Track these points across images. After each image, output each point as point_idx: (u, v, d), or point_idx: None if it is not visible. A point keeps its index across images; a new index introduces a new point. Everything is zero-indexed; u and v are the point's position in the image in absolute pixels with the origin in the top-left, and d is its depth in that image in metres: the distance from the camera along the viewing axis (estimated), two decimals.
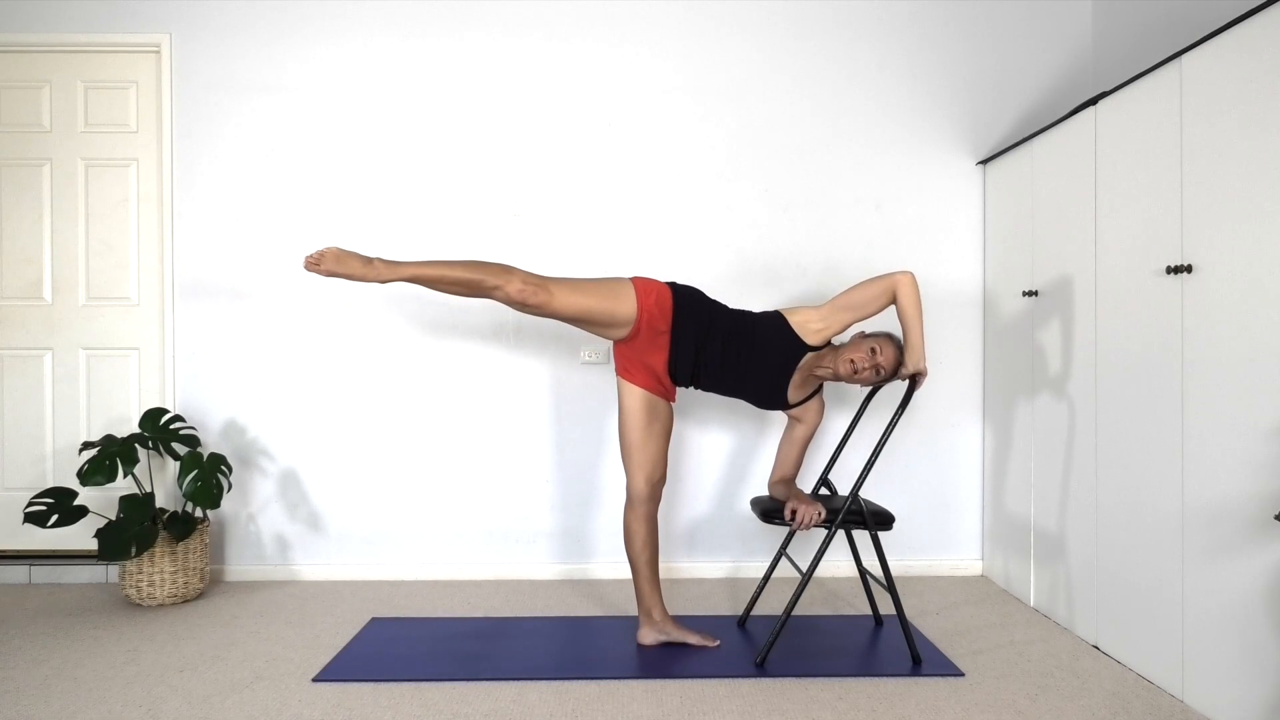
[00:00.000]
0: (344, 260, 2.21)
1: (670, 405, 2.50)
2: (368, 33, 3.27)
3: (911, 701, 2.14)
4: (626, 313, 2.33)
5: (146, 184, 3.32)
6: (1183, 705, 2.12)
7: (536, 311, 2.31)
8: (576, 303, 2.31)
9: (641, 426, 2.42)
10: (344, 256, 2.21)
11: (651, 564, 2.48)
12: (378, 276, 2.23)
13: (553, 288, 2.29)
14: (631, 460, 2.45)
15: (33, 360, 3.32)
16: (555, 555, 3.29)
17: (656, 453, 2.45)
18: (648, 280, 2.42)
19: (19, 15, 3.25)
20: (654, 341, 2.37)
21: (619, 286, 2.36)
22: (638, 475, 2.44)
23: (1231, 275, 1.96)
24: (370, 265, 2.23)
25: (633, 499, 2.46)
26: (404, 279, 2.25)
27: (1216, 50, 2.01)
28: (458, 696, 2.16)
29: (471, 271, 2.26)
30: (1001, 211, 3.17)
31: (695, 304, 2.41)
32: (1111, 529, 2.43)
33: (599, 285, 2.36)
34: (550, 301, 2.28)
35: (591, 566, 3.29)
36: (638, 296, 2.34)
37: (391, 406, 3.27)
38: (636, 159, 3.29)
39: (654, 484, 2.46)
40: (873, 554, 3.01)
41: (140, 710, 2.09)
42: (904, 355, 2.36)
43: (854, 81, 3.32)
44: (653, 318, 2.35)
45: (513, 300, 2.27)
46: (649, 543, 2.47)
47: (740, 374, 2.41)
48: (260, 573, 3.26)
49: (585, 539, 3.30)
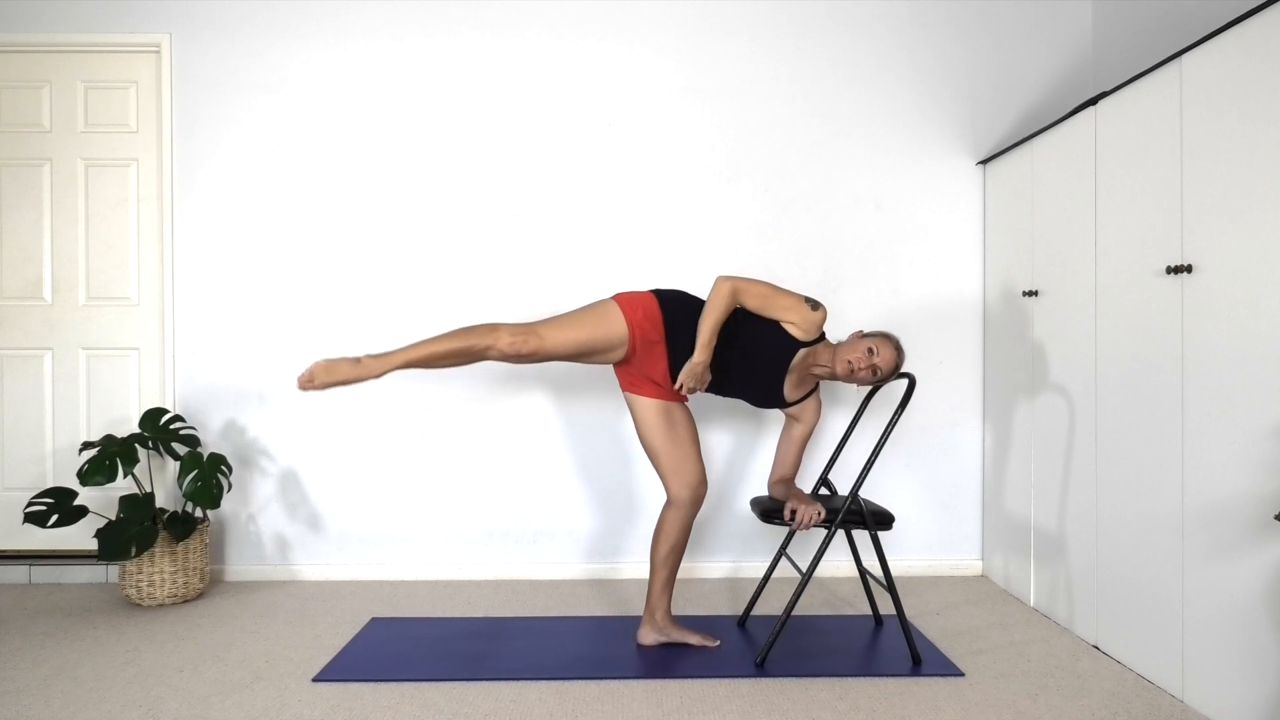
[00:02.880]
0: (332, 369, 2.21)
1: (686, 407, 2.49)
2: (368, 32, 3.27)
3: (911, 701, 2.14)
4: (619, 333, 2.32)
5: (146, 184, 3.32)
6: (1183, 705, 2.12)
7: (532, 359, 2.30)
8: (568, 338, 2.30)
9: (663, 433, 2.41)
10: (331, 366, 2.22)
11: (672, 568, 2.47)
12: (369, 373, 2.23)
13: (540, 330, 2.29)
14: (663, 469, 2.44)
15: (33, 360, 3.32)
16: (555, 555, 3.29)
17: (686, 456, 2.42)
18: (630, 295, 2.40)
19: (19, 15, 3.25)
20: (651, 353, 2.36)
21: (604, 309, 2.35)
22: (673, 482, 2.42)
23: (1231, 275, 1.96)
24: (359, 365, 2.23)
25: (673, 503, 2.44)
26: (396, 368, 2.25)
27: (1216, 50, 2.01)
28: (458, 696, 2.16)
29: (457, 340, 2.26)
30: (1001, 211, 3.17)
31: (683, 306, 2.40)
32: (1111, 529, 2.43)
33: (585, 314, 2.34)
34: (542, 345, 2.28)
35: (592, 566, 3.29)
36: (625, 314, 2.33)
37: (391, 406, 3.26)
38: (636, 159, 3.29)
39: (693, 488, 2.42)
40: (873, 554, 3.01)
41: (140, 710, 2.09)
42: (902, 354, 2.36)
43: (854, 81, 3.32)
44: (645, 330, 2.34)
45: (506, 355, 2.26)
46: (677, 548, 2.45)
47: (738, 369, 2.40)
48: (260, 573, 3.26)
49: (585, 539, 3.30)
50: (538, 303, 3.26)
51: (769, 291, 2.36)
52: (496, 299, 3.26)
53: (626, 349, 2.35)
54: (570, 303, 3.25)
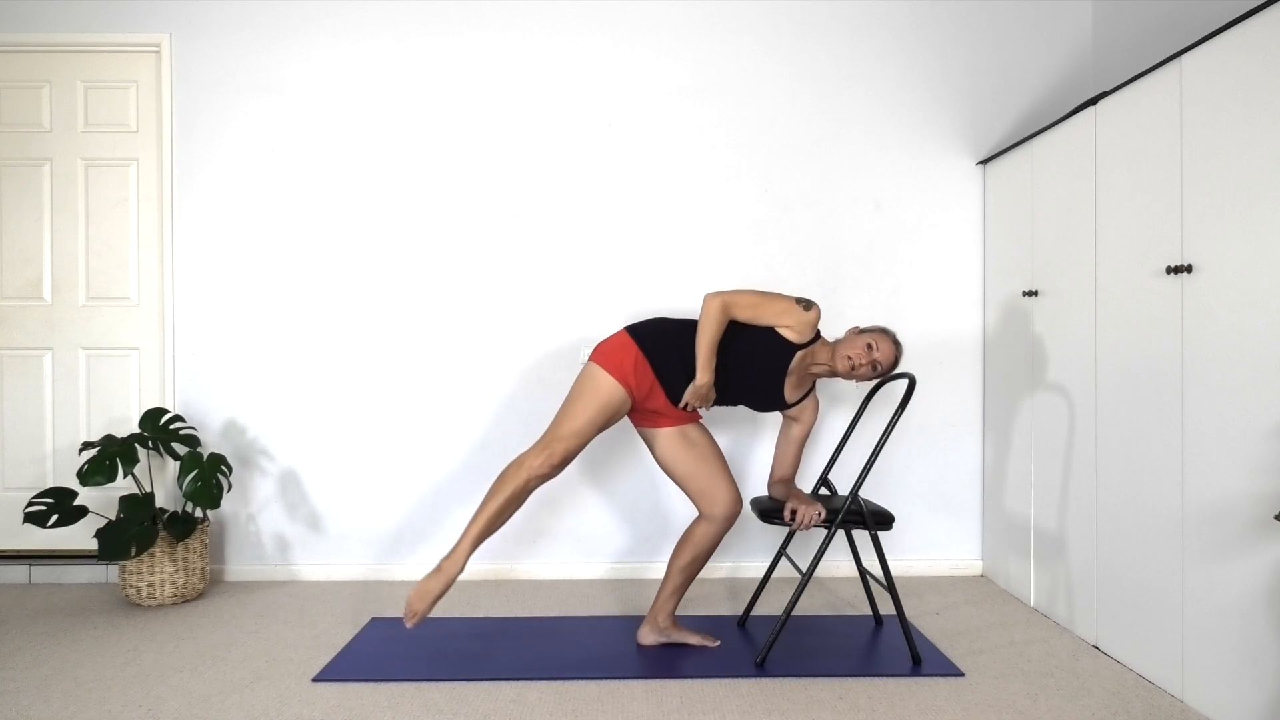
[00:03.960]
0: (424, 593, 2.21)
1: (700, 425, 2.49)
2: (368, 32, 3.27)
3: (911, 701, 2.14)
4: (618, 394, 2.32)
5: (146, 184, 3.32)
6: (1183, 705, 2.12)
7: (566, 461, 2.29)
8: (579, 425, 2.29)
9: (685, 457, 2.42)
10: (421, 591, 2.22)
11: (689, 577, 2.48)
12: (452, 574, 2.22)
13: (555, 435, 2.28)
14: (692, 492, 2.43)
15: (33, 360, 3.33)
16: (556, 555, 3.29)
17: (712, 475, 2.41)
18: (606, 348, 2.38)
19: (19, 15, 3.25)
20: (651, 392, 2.37)
21: (593, 380, 2.33)
22: (704, 504, 2.42)
23: (1231, 275, 1.96)
24: (440, 573, 2.22)
25: (706, 518, 2.43)
26: (469, 554, 2.24)
27: (1216, 50, 2.01)
28: (458, 696, 2.16)
29: (500, 495, 2.25)
30: (1001, 211, 3.17)
31: (663, 335, 2.39)
32: (1111, 529, 2.43)
33: (580, 395, 2.33)
34: (566, 446, 2.28)
35: (592, 567, 3.29)
36: (612, 373, 2.32)
37: (391, 406, 3.26)
38: (637, 159, 3.29)
39: (727, 505, 2.40)
40: (873, 554, 3.01)
41: (140, 710, 2.09)
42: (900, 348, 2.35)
43: (854, 81, 3.32)
44: (637, 376, 2.33)
45: (545, 475, 2.27)
46: (699, 559, 2.45)
47: (735, 381, 2.39)
48: (260, 573, 3.26)
49: (586, 539, 3.30)
50: (537, 302, 3.26)
51: (758, 300, 2.35)
52: (496, 299, 3.27)
53: (631, 401, 2.36)
54: (570, 302, 3.27)
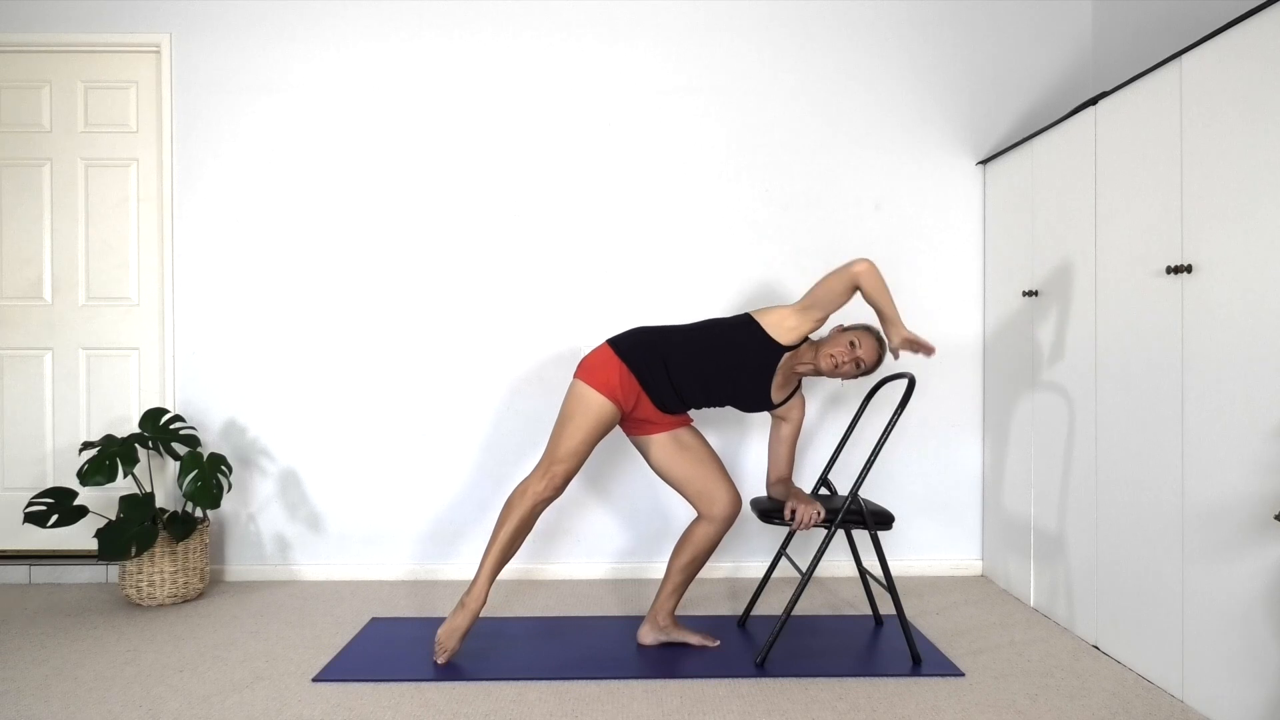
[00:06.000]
0: (452, 630, 2.34)
1: (692, 427, 2.51)
2: (368, 33, 3.27)
3: (911, 701, 2.14)
4: (608, 409, 2.33)
5: (146, 184, 3.32)
6: (1183, 705, 2.12)
7: (568, 480, 2.35)
8: (575, 444, 2.33)
9: (679, 461, 2.44)
10: (449, 629, 2.34)
11: (688, 577, 2.49)
12: (475, 608, 2.33)
13: (553, 458, 2.33)
14: (690, 495, 2.45)
15: (33, 360, 3.33)
16: (555, 555, 3.29)
17: (709, 477, 2.43)
18: (589, 366, 2.38)
19: (19, 15, 3.25)
20: (639, 401, 2.39)
21: (581, 399, 2.34)
22: (703, 505, 2.43)
23: (1231, 275, 1.96)
24: (464, 609, 2.34)
25: (705, 519, 2.44)
26: (488, 586, 2.34)
27: (1216, 50, 2.01)
28: (458, 696, 2.16)
29: (508, 524, 2.31)
30: (1001, 211, 3.17)
31: (642, 345, 2.40)
32: (1111, 529, 2.43)
33: (570, 415, 2.35)
34: (565, 466, 2.32)
35: (592, 567, 3.29)
36: (598, 389, 2.33)
37: (392, 406, 3.27)
38: (636, 159, 3.29)
39: (725, 506, 2.41)
40: (873, 554, 3.01)
41: (140, 710, 2.09)
42: (884, 345, 2.34)
43: (854, 81, 3.32)
44: (624, 389, 2.35)
45: (549, 498, 2.33)
46: (698, 560, 2.47)
47: (722, 384, 2.39)
48: (260, 573, 3.26)
49: (586, 539, 3.30)
50: (537, 303, 3.26)
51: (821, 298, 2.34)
52: (496, 299, 3.27)
53: (622, 412, 2.38)
54: (569, 302, 3.26)
